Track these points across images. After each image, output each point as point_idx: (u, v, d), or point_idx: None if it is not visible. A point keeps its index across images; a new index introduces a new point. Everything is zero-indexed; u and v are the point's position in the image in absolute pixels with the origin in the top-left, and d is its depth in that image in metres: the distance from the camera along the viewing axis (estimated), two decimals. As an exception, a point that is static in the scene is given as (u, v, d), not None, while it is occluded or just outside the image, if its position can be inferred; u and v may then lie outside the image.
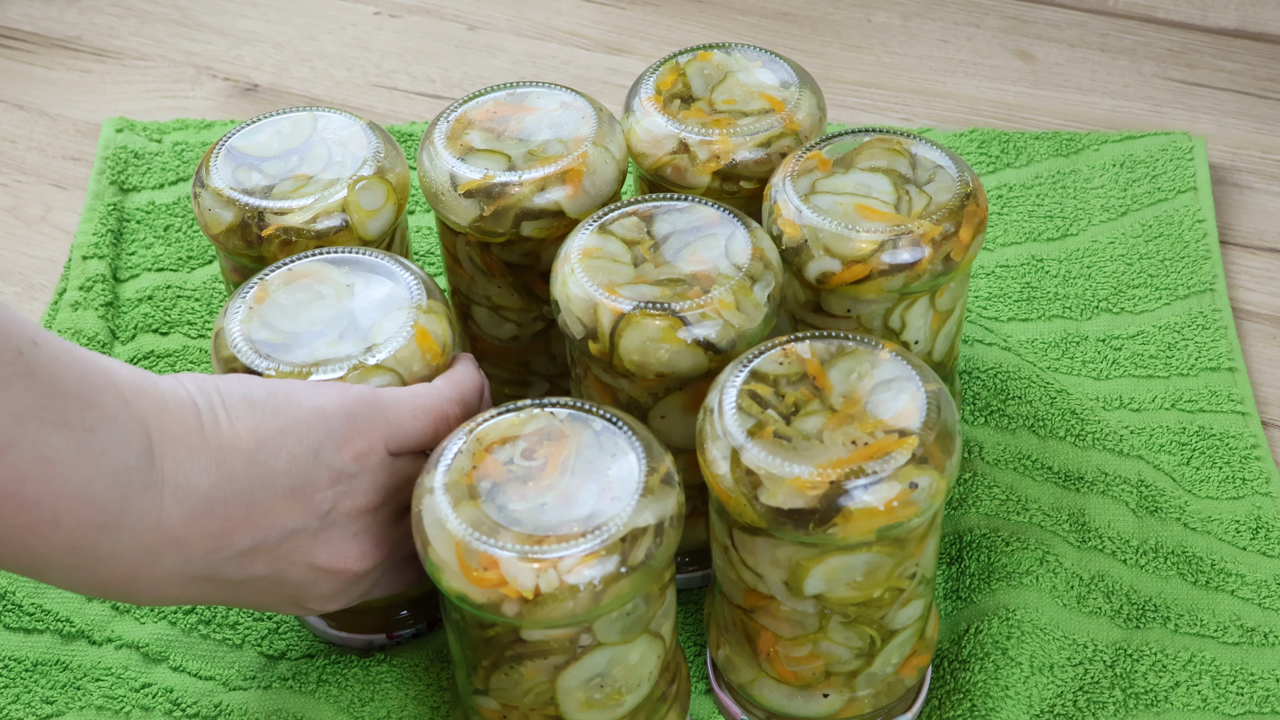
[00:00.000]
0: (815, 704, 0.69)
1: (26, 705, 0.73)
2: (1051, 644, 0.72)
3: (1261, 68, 1.07)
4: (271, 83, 1.10)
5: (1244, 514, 0.79)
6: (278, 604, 0.66)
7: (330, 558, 0.65)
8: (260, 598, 0.65)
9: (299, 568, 0.64)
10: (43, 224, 1.00)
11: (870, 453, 0.61)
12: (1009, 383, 0.83)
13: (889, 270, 0.69)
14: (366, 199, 0.74)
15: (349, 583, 0.66)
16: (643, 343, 0.66)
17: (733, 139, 0.75)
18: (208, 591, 0.63)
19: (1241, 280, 0.93)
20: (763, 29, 1.12)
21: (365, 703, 0.72)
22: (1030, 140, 1.00)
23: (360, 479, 0.64)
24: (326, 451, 0.63)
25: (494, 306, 0.79)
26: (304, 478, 0.63)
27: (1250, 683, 0.73)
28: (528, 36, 1.13)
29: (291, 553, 0.64)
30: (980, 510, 0.78)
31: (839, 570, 0.63)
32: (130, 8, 1.16)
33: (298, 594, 0.66)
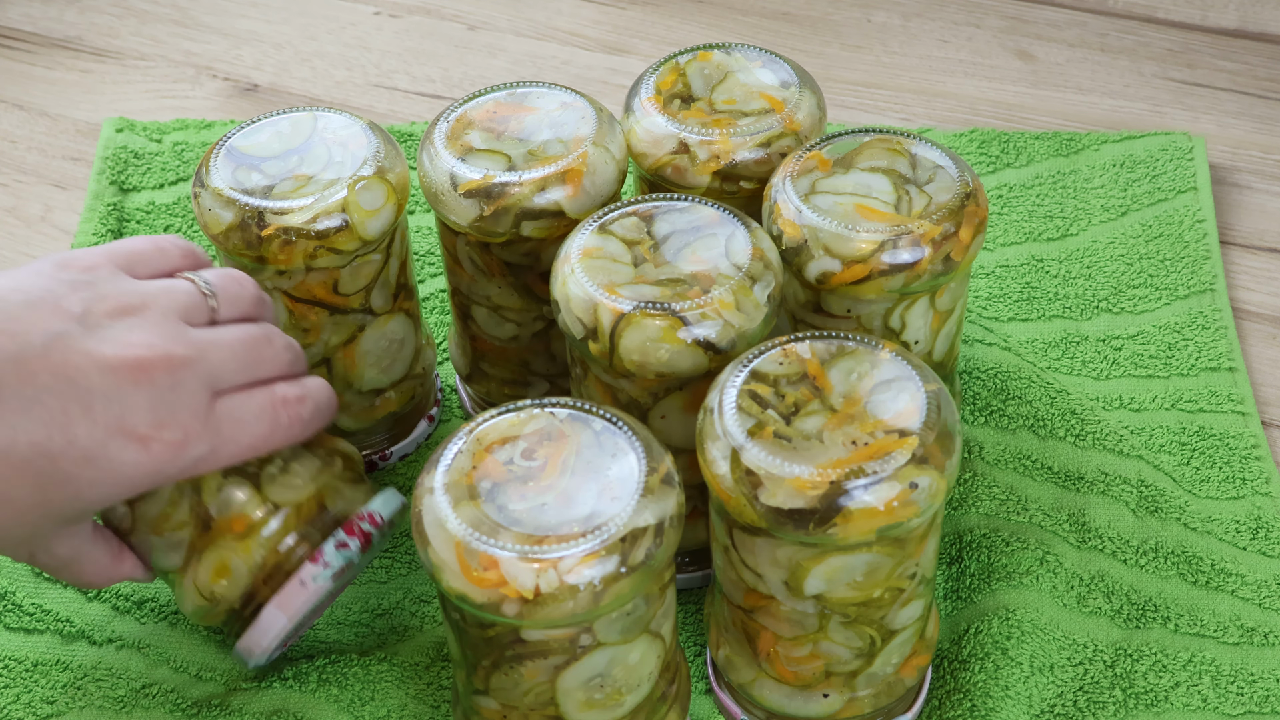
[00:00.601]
0: (815, 704, 0.69)
1: (27, 705, 0.73)
2: (1051, 644, 0.72)
3: (1261, 68, 1.07)
4: (271, 83, 1.10)
5: (1244, 514, 0.80)
6: (93, 434, 0.60)
7: (114, 349, 0.61)
8: (70, 426, 0.60)
9: (88, 370, 0.60)
10: (43, 224, 1.00)
11: (870, 453, 0.61)
12: (1009, 383, 0.83)
13: (889, 270, 0.69)
14: (366, 199, 0.74)
15: (158, 374, 0.62)
16: (643, 343, 0.66)
17: (733, 139, 0.75)
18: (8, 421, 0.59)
19: (1241, 280, 0.93)
20: (763, 29, 1.12)
21: (365, 702, 0.72)
22: (1030, 140, 1.00)
23: (102, 283, 0.63)
24: (47, 273, 0.63)
25: (494, 306, 0.79)
26: (37, 291, 0.62)
27: (1250, 683, 0.73)
28: (528, 36, 1.13)
29: (67, 356, 0.60)
30: (980, 510, 0.78)
31: (839, 570, 0.63)
32: (130, 8, 1.16)
33: (106, 410, 0.60)
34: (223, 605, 0.68)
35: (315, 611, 0.71)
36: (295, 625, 0.69)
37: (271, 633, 0.67)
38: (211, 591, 0.68)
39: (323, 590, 0.68)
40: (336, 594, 0.73)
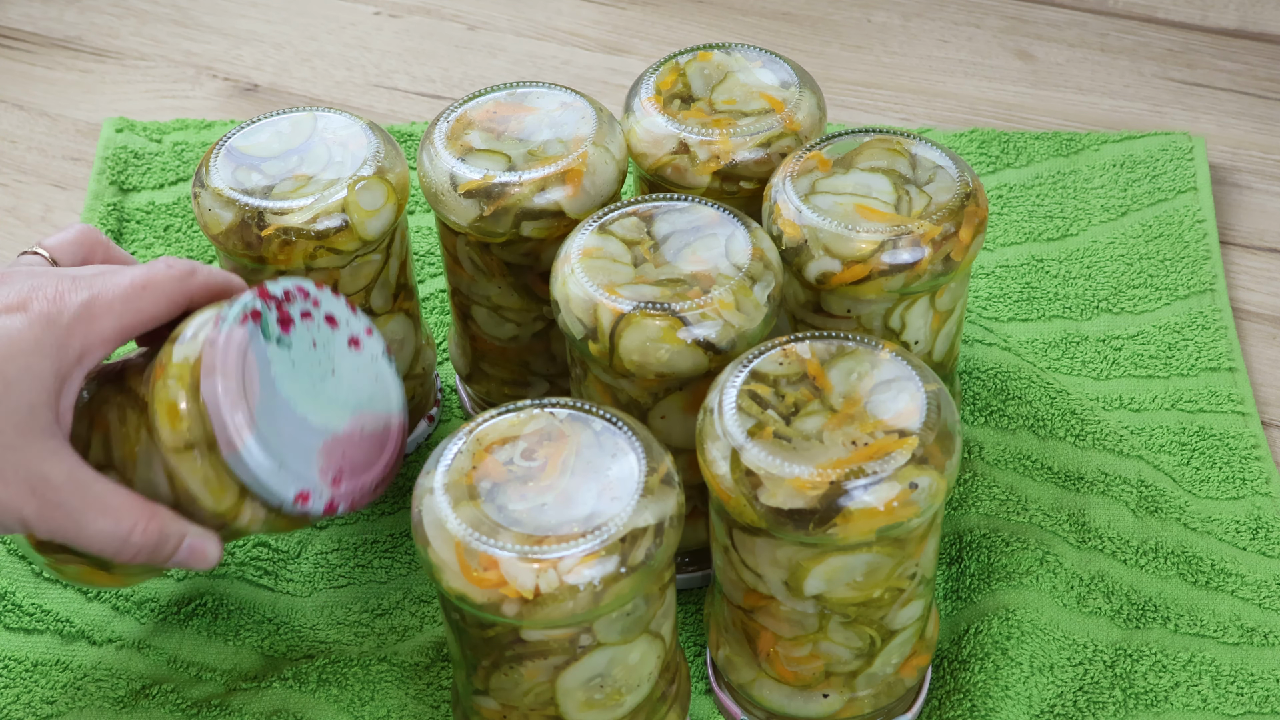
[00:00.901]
0: (815, 704, 0.69)
1: (27, 705, 0.73)
2: (1051, 644, 0.72)
3: (1261, 68, 1.07)
4: (271, 83, 1.10)
5: (1244, 514, 0.80)
6: None
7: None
8: None
9: None
10: (43, 224, 1.00)
11: (870, 453, 0.61)
12: (1009, 383, 0.83)
13: (889, 270, 0.69)
14: (366, 199, 0.74)
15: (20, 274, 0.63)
16: (643, 343, 0.66)
17: (733, 139, 0.75)
18: None
19: (1241, 280, 0.93)
20: (763, 29, 1.12)
21: (365, 702, 0.72)
22: (1030, 140, 1.00)
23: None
24: None
25: (494, 306, 0.79)
26: None
27: (1250, 683, 0.73)
28: (528, 36, 1.13)
29: None
30: (980, 510, 0.78)
31: (839, 570, 0.63)
32: (130, 8, 1.16)
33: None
34: (199, 439, 0.63)
35: (304, 389, 0.66)
36: (257, 400, 0.63)
37: (223, 413, 0.62)
38: (178, 440, 0.63)
39: (241, 343, 0.63)
40: (314, 370, 0.67)
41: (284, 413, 0.65)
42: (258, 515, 0.66)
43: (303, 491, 0.64)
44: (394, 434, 0.70)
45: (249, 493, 0.65)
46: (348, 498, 0.66)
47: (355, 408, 0.68)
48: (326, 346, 0.68)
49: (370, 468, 0.68)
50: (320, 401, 0.67)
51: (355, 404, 0.68)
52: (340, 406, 0.67)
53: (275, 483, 0.64)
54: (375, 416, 0.69)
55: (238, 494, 0.65)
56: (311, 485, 0.65)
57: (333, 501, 0.66)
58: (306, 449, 0.65)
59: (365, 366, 0.69)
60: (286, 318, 0.66)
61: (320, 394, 0.67)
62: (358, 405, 0.68)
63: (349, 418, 0.67)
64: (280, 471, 0.64)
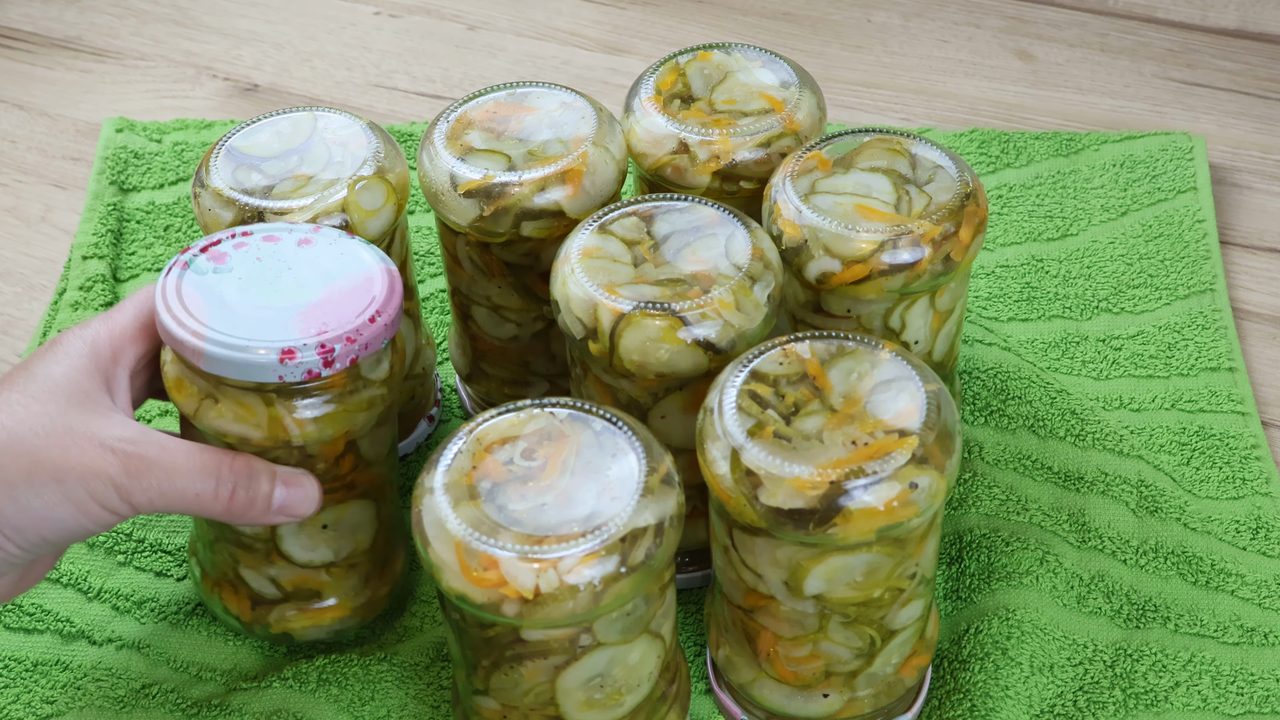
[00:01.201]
0: (815, 704, 0.69)
1: (27, 705, 0.73)
2: (1051, 644, 0.72)
3: (1261, 68, 1.07)
4: (271, 83, 1.10)
5: (1244, 514, 0.80)
6: None
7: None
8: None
9: None
10: (43, 224, 1.00)
11: (870, 453, 0.61)
12: (1009, 383, 0.83)
13: (889, 270, 0.69)
14: (366, 199, 0.74)
15: None
16: (643, 343, 0.66)
17: (733, 139, 0.75)
18: None
19: (1241, 280, 0.93)
20: (763, 29, 1.12)
21: (365, 702, 0.72)
22: (1030, 140, 1.00)
23: None
24: None
25: (494, 306, 0.79)
26: None
27: (1250, 683, 0.73)
28: (528, 36, 1.13)
29: None
30: (980, 510, 0.78)
31: (839, 570, 0.63)
32: (130, 8, 1.16)
33: None
34: (200, 390, 0.67)
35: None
36: (209, 317, 0.66)
37: (179, 337, 0.65)
38: (191, 401, 0.67)
39: (174, 286, 0.67)
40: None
41: (243, 314, 0.66)
42: (293, 410, 0.67)
43: (285, 349, 0.65)
44: (377, 280, 0.68)
45: (268, 397, 0.66)
46: (343, 340, 0.66)
47: (324, 281, 0.68)
48: (273, 256, 0.69)
49: (361, 313, 0.67)
50: (283, 293, 0.68)
51: (323, 278, 0.68)
52: (307, 287, 0.68)
53: (253, 357, 0.65)
54: (349, 278, 0.68)
55: (263, 405, 0.66)
56: (293, 343, 0.65)
57: (326, 346, 0.65)
58: (278, 324, 0.66)
59: (324, 250, 0.70)
60: (218, 255, 0.69)
61: (280, 289, 0.68)
62: (326, 278, 0.68)
63: (321, 289, 0.68)
64: (251, 347, 0.65)
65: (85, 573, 0.78)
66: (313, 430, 0.67)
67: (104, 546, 0.79)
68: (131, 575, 0.78)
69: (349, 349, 0.66)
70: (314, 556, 0.72)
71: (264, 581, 0.73)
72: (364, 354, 0.66)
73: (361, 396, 0.68)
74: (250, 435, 0.67)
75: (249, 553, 0.72)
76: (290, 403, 0.66)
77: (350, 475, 0.71)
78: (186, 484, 0.65)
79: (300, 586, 0.73)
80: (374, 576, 0.75)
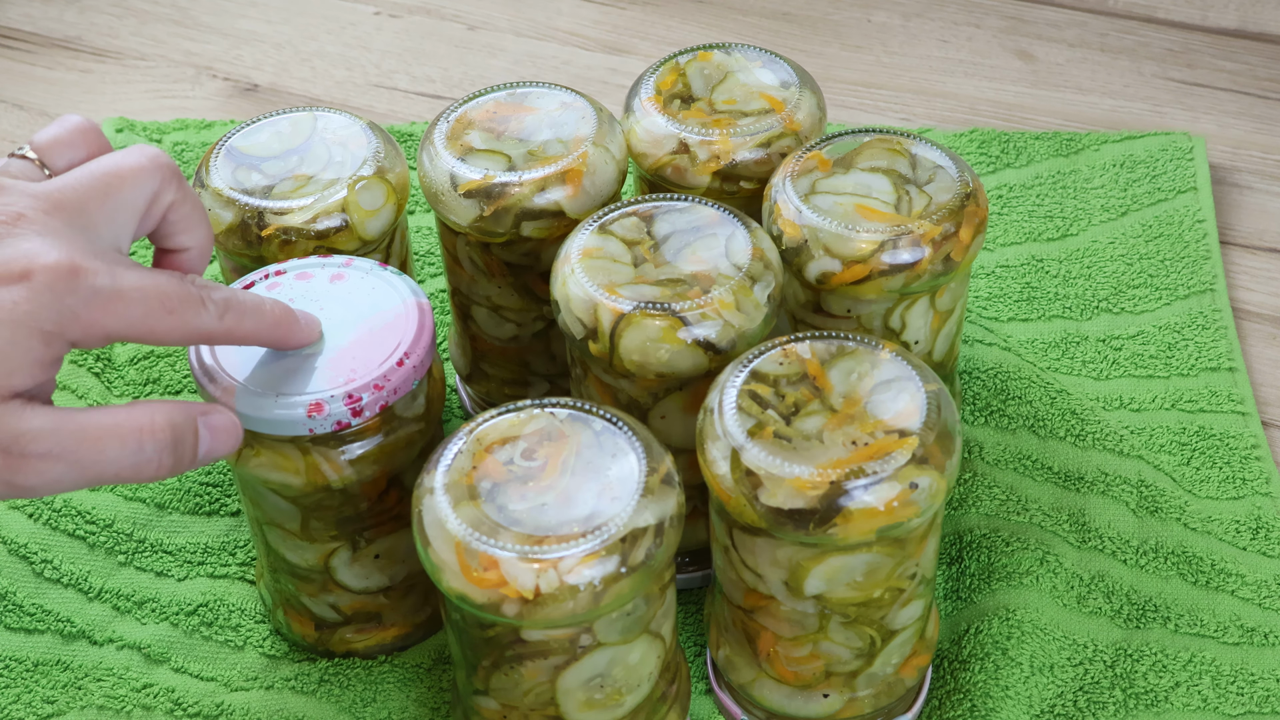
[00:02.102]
0: (815, 704, 0.69)
1: (27, 705, 0.73)
2: (1052, 644, 0.72)
3: (1261, 68, 1.07)
4: (271, 83, 1.10)
5: (1244, 514, 0.80)
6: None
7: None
8: None
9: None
10: (43, 224, 0.99)
11: (870, 453, 0.61)
12: (1009, 383, 0.83)
13: (889, 270, 0.69)
14: (366, 199, 0.74)
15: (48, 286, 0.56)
16: (643, 343, 0.66)
17: (733, 139, 0.75)
18: None
19: (1241, 280, 0.93)
20: (763, 29, 1.12)
21: (367, 704, 0.72)
22: (1030, 140, 1.00)
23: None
24: None
25: (494, 306, 0.79)
26: None
27: (1250, 683, 0.73)
28: (528, 36, 1.13)
29: None
30: (980, 510, 0.78)
31: (839, 570, 0.63)
32: (130, 8, 1.16)
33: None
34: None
35: None
36: (241, 373, 0.65)
37: (212, 395, 0.65)
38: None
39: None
40: None
41: (273, 362, 0.66)
42: (329, 457, 0.66)
43: (314, 403, 0.64)
44: (409, 316, 0.68)
45: (304, 446, 0.66)
46: (370, 389, 0.65)
47: (356, 321, 0.68)
48: (305, 297, 0.68)
49: (388, 356, 0.66)
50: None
51: (355, 318, 0.68)
52: (338, 329, 0.67)
53: (280, 415, 0.64)
54: (380, 315, 0.68)
55: (300, 454, 0.66)
56: (320, 396, 0.64)
57: (353, 397, 0.64)
58: (306, 373, 0.65)
59: (356, 286, 0.69)
60: None
61: None
62: (358, 318, 0.68)
63: (352, 331, 0.67)
64: (279, 403, 0.64)
65: (85, 573, 0.78)
66: (351, 474, 0.67)
67: (104, 546, 0.79)
68: (131, 575, 0.78)
69: (377, 396, 0.65)
70: (369, 584, 0.72)
71: (324, 607, 0.73)
72: (394, 399, 0.66)
73: (399, 436, 0.68)
74: (290, 482, 0.67)
75: (306, 583, 0.72)
76: (326, 450, 0.66)
77: (396, 508, 0.71)
78: (105, 468, 0.58)
79: (360, 610, 0.73)
80: (433, 592, 0.74)
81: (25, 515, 0.79)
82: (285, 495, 0.68)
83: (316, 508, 0.68)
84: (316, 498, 0.68)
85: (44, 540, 0.78)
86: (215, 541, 0.80)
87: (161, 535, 0.80)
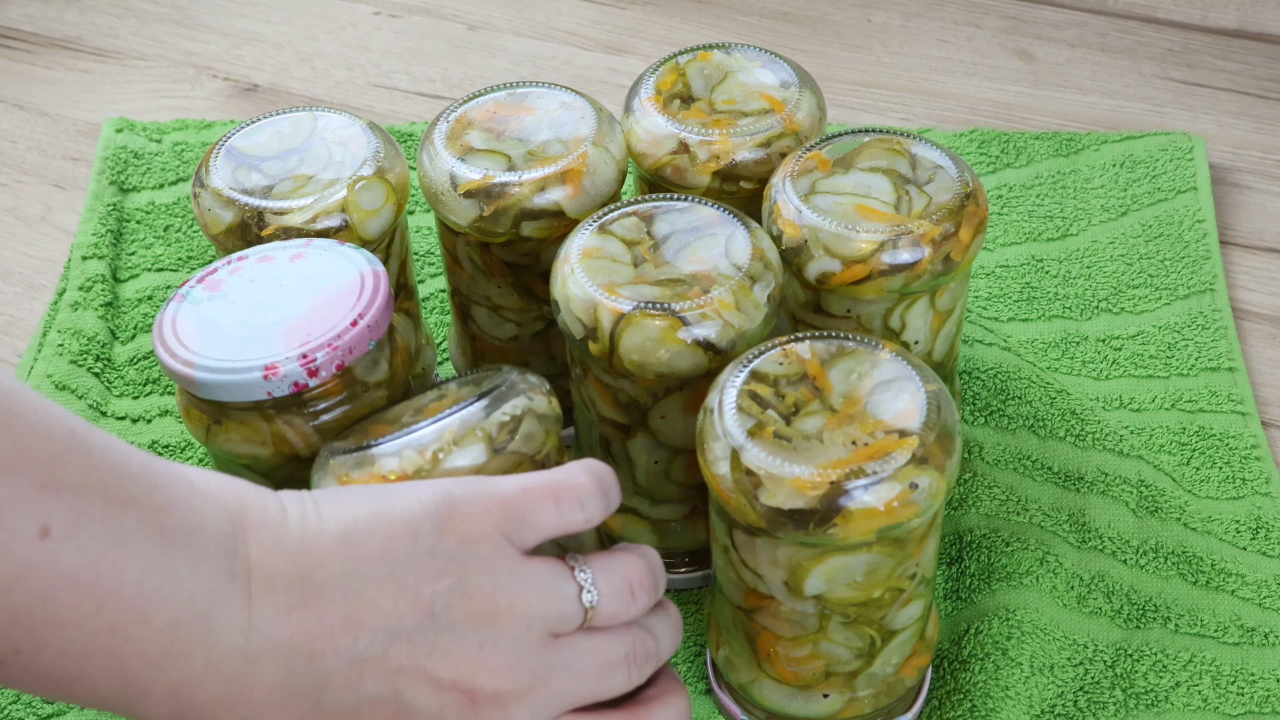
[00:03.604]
0: (815, 704, 0.69)
1: (27, 705, 0.73)
2: (1052, 644, 0.72)
3: (1261, 68, 1.07)
4: (271, 83, 1.10)
5: (1244, 514, 0.80)
6: None
7: (452, 670, 0.55)
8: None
9: (419, 685, 0.55)
10: (43, 224, 1.00)
11: (870, 453, 0.61)
12: (1009, 383, 0.83)
13: (889, 270, 0.69)
14: (366, 199, 0.74)
15: (487, 709, 0.56)
16: (643, 343, 0.66)
17: (733, 139, 0.75)
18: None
19: (1241, 280, 0.93)
20: (763, 29, 1.12)
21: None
22: (1030, 140, 1.00)
23: (473, 570, 0.55)
24: (426, 534, 0.55)
25: (494, 306, 0.79)
26: (403, 563, 0.54)
27: (1251, 683, 0.73)
28: (528, 36, 1.13)
29: (405, 663, 0.54)
30: (980, 510, 0.78)
31: (839, 570, 0.63)
32: (130, 8, 1.16)
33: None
34: (205, 414, 0.68)
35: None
36: (201, 344, 0.66)
37: (173, 368, 0.66)
38: (200, 429, 0.68)
39: (171, 320, 0.67)
40: None
41: (232, 337, 0.66)
42: (293, 423, 0.67)
43: (268, 365, 0.65)
44: (365, 282, 0.68)
45: (268, 413, 0.66)
46: (325, 348, 0.65)
47: (312, 293, 0.68)
48: (265, 276, 0.69)
49: (343, 318, 0.67)
50: (272, 311, 0.68)
51: (311, 290, 0.69)
52: (295, 301, 0.68)
53: (239, 378, 0.65)
54: (335, 285, 0.68)
55: (264, 422, 0.66)
56: (275, 358, 0.65)
57: (307, 357, 0.65)
58: (264, 342, 0.66)
59: (314, 262, 0.70)
60: (213, 283, 0.69)
61: (271, 305, 0.68)
62: (314, 290, 0.69)
63: (308, 302, 0.68)
64: (236, 368, 0.65)
65: (85, 573, 0.78)
66: (318, 440, 0.67)
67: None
68: (131, 575, 0.78)
69: (332, 355, 0.66)
70: None
71: None
72: (349, 358, 0.66)
73: (362, 401, 0.68)
74: (259, 453, 0.67)
75: None
76: (290, 416, 0.67)
77: None
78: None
79: None
80: None
81: (25, 515, 0.79)
82: (257, 469, 0.68)
83: (289, 481, 0.68)
84: (288, 469, 0.68)
85: (44, 540, 0.78)
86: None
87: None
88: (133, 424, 0.85)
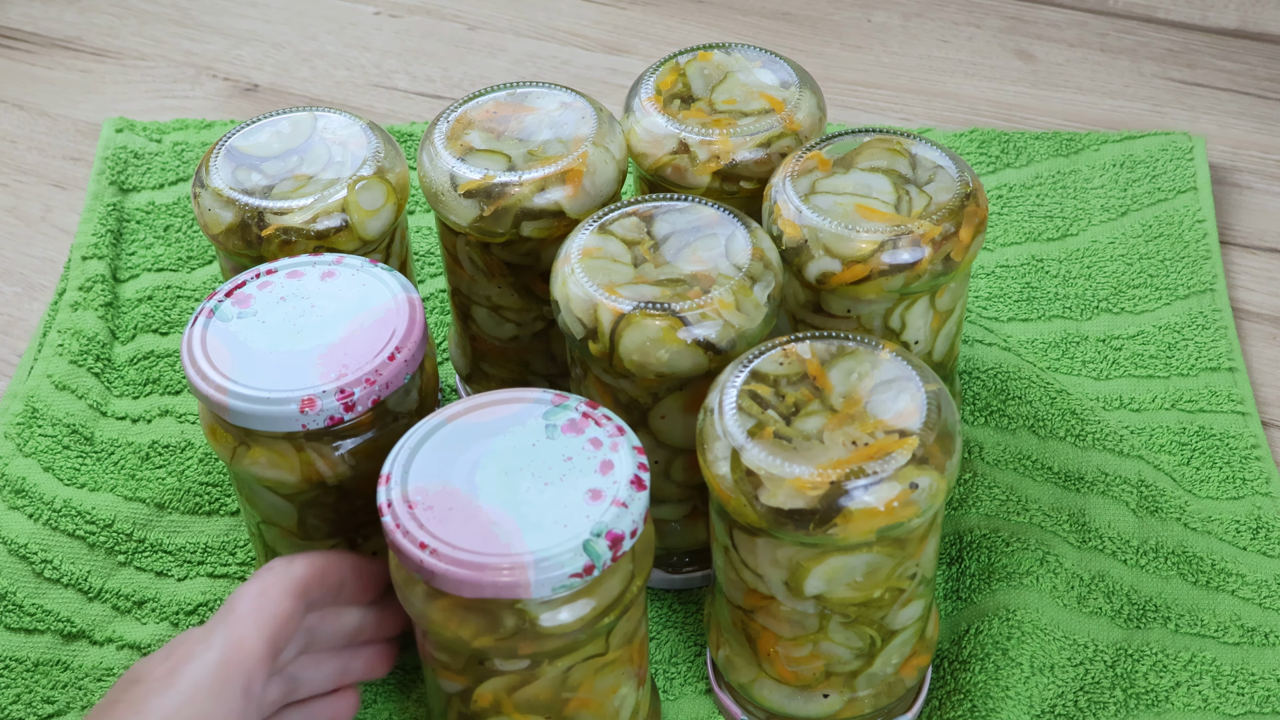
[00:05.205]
0: (815, 704, 0.69)
1: (28, 705, 0.73)
2: (1052, 644, 0.72)
3: (1261, 68, 1.07)
4: (271, 83, 1.10)
5: (1244, 514, 0.80)
6: None
7: None
8: None
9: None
10: (43, 224, 1.00)
11: (870, 453, 0.61)
12: (1009, 383, 0.83)
13: (889, 270, 0.69)
14: (366, 199, 0.74)
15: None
16: (643, 343, 0.66)
17: (733, 139, 0.75)
18: None
19: (1241, 280, 0.93)
20: (763, 29, 1.12)
21: (368, 704, 0.72)
22: (1030, 140, 1.00)
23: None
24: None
25: (494, 306, 0.79)
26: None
27: (1251, 683, 0.73)
28: (528, 36, 1.13)
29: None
30: (980, 510, 0.78)
31: (839, 570, 0.63)
32: (130, 8, 1.16)
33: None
34: (231, 437, 0.68)
35: None
36: (232, 366, 0.66)
37: (203, 390, 0.66)
38: (226, 450, 0.68)
39: (200, 337, 0.67)
40: None
41: (266, 360, 0.66)
42: (323, 452, 0.66)
43: (306, 399, 0.64)
44: (400, 310, 0.68)
45: (298, 441, 0.66)
46: (362, 383, 0.65)
47: (347, 317, 0.68)
48: (296, 294, 0.69)
49: (380, 350, 0.66)
50: (305, 334, 0.68)
51: (346, 314, 0.68)
52: (329, 325, 0.68)
53: (275, 409, 0.64)
54: (370, 311, 0.68)
55: (294, 450, 0.66)
56: (312, 391, 0.65)
57: (345, 392, 0.65)
58: (299, 369, 0.66)
59: (346, 282, 0.69)
60: (242, 298, 0.69)
61: (304, 328, 0.68)
62: (349, 314, 0.68)
63: (343, 327, 0.68)
64: (272, 397, 0.65)
65: (85, 573, 0.78)
66: (346, 470, 0.67)
67: (104, 546, 0.79)
68: (131, 575, 0.78)
69: (369, 391, 0.65)
70: None
71: None
72: (386, 393, 0.66)
73: (392, 430, 0.68)
74: (285, 479, 0.67)
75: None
76: (320, 445, 0.66)
77: None
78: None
79: None
80: None
81: (25, 515, 0.79)
82: (281, 493, 0.68)
83: (312, 505, 0.68)
84: (312, 494, 0.68)
85: (44, 540, 0.78)
86: (215, 541, 0.80)
87: (161, 535, 0.80)
88: (133, 424, 0.85)
